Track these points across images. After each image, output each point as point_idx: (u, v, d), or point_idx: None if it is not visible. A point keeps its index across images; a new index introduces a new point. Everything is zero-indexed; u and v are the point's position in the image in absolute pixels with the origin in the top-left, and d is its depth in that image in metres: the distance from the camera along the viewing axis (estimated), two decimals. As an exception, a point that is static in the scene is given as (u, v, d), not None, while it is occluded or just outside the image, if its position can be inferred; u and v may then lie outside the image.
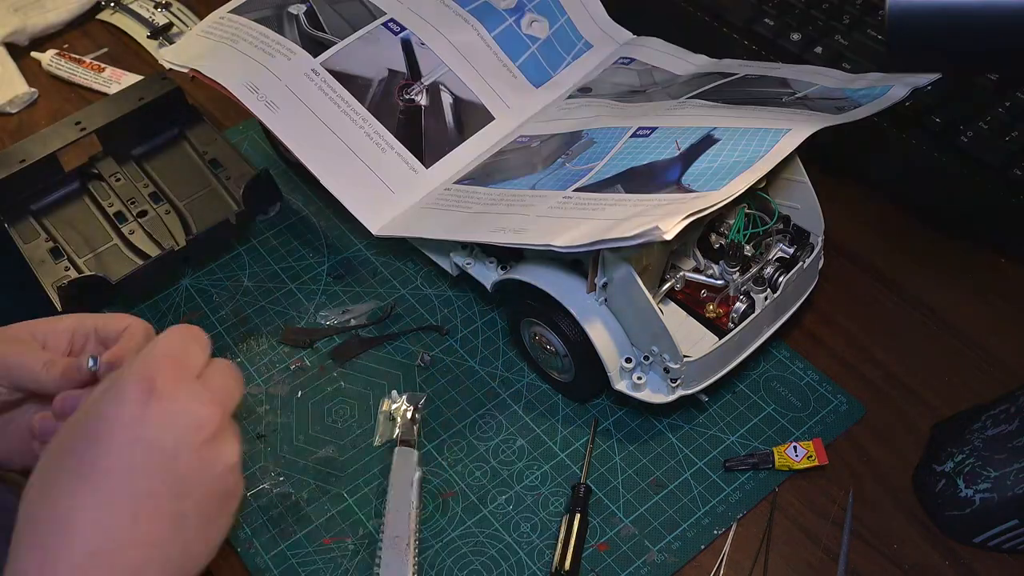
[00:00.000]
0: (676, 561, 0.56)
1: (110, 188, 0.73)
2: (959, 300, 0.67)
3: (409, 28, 0.73)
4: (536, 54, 0.76)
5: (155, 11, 0.93)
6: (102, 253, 0.70)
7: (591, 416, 0.63)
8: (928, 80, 0.61)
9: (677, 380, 0.58)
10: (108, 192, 0.73)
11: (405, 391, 0.64)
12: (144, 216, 0.71)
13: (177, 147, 0.77)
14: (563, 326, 0.59)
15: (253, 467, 0.61)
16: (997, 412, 0.56)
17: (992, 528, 0.55)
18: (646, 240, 0.50)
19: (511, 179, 0.65)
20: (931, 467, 0.58)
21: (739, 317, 0.60)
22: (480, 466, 0.61)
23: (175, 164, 0.76)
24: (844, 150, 0.72)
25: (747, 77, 0.69)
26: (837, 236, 0.70)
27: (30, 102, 0.88)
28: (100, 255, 0.70)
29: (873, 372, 0.64)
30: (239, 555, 0.58)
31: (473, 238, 0.61)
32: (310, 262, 0.73)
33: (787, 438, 0.61)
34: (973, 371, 0.64)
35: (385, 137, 0.69)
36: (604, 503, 0.59)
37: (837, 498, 0.59)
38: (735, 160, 0.56)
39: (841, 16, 0.76)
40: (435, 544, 0.58)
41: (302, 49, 0.70)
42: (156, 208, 0.72)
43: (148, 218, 0.71)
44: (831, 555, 0.56)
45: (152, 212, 0.72)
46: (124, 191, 0.73)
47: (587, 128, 0.67)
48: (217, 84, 0.68)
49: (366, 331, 0.68)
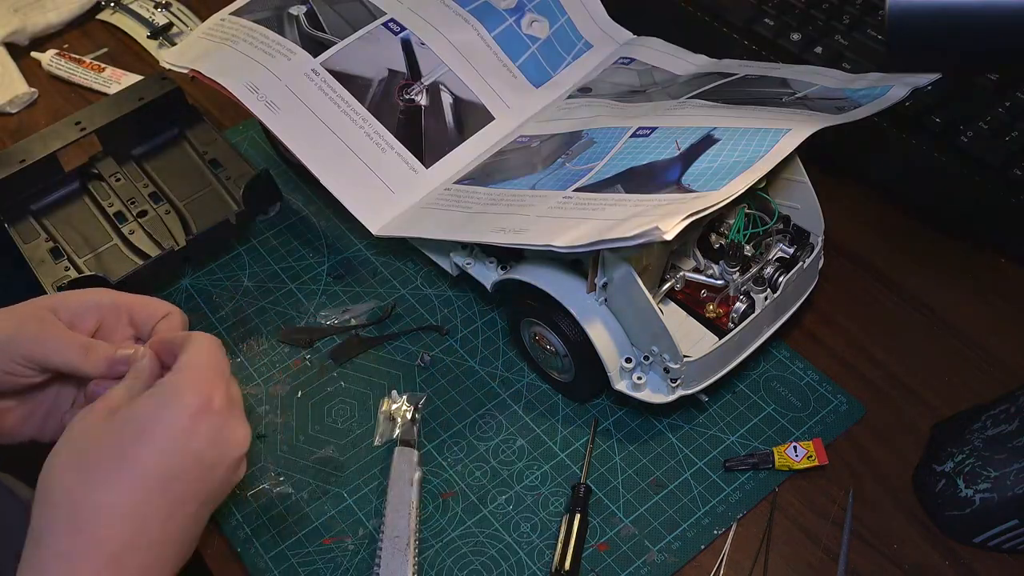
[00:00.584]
0: (676, 561, 0.56)
1: (110, 188, 0.73)
2: (959, 300, 0.67)
3: (409, 28, 0.73)
4: (536, 54, 0.76)
5: (155, 11, 0.93)
6: (102, 253, 0.70)
7: (591, 416, 0.63)
8: (928, 80, 0.61)
9: (677, 380, 0.58)
10: (108, 192, 0.73)
11: (405, 391, 0.64)
12: (144, 216, 0.71)
13: (177, 147, 0.77)
14: (563, 326, 0.59)
15: (253, 467, 0.61)
16: (997, 412, 0.56)
17: (992, 528, 0.55)
18: (646, 240, 0.50)
19: (511, 179, 0.65)
20: (931, 467, 0.58)
21: (739, 317, 0.60)
22: (480, 466, 0.61)
23: (175, 164, 0.76)
24: (844, 150, 0.72)
25: (747, 77, 0.69)
26: (837, 236, 0.70)
27: (30, 102, 0.88)
28: (100, 255, 0.70)
29: (873, 372, 0.64)
30: (239, 555, 0.58)
31: (473, 238, 0.61)
32: (310, 262, 0.73)
33: (787, 438, 0.61)
34: (973, 371, 0.64)
35: (385, 137, 0.69)
36: (604, 503, 0.59)
37: (837, 498, 0.59)
38: (735, 160, 0.56)
39: (841, 16, 0.76)
40: (435, 544, 0.58)
41: (302, 49, 0.70)
42: (156, 208, 0.72)
43: (148, 218, 0.71)
44: (831, 555, 0.56)
45: (152, 212, 0.72)
46: (124, 191, 0.73)
47: (587, 128, 0.67)
48: (217, 84, 0.68)
49: (366, 331, 0.68)
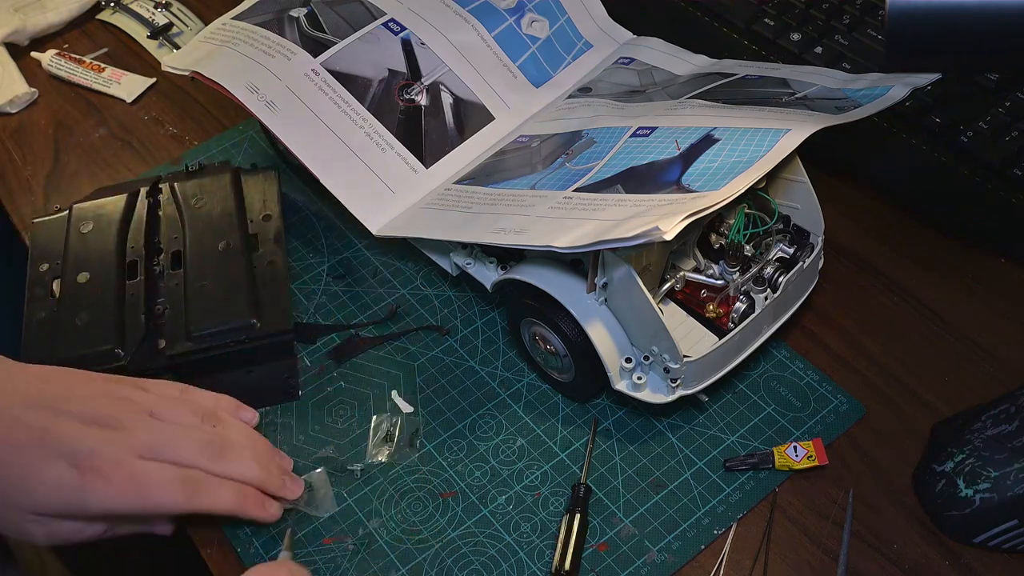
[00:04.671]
0: (676, 561, 0.56)
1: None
2: (959, 300, 0.67)
3: (409, 28, 0.73)
4: (536, 54, 0.76)
5: (155, 11, 0.93)
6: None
7: (591, 416, 0.63)
8: (928, 80, 0.61)
9: (677, 380, 0.58)
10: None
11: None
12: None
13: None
14: (563, 326, 0.59)
15: (253, 467, 0.61)
16: (997, 412, 0.56)
17: (992, 528, 0.55)
18: (646, 240, 0.50)
19: (511, 179, 0.65)
20: (931, 467, 0.58)
21: (739, 317, 0.60)
22: (480, 466, 0.61)
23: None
24: (844, 150, 0.72)
25: (747, 77, 0.69)
26: (837, 236, 0.70)
27: (30, 102, 0.87)
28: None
29: (873, 372, 0.64)
30: (239, 555, 0.58)
31: (473, 238, 0.61)
32: (310, 262, 0.73)
33: (787, 438, 0.61)
34: (973, 371, 0.64)
35: (385, 137, 0.69)
36: (604, 503, 0.59)
37: (837, 498, 0.59)
38: (735, 160, 0.56)
39: (841, 16, 0.76)
40: (435, 544, 0.58)
41: (302, 49, 0.70)
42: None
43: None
44: (831, 555, 0.56)
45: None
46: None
47: (587, 128, 0.67)
48: (217, 85, 0.68)
49: (366, 331, 0.68)
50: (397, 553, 0.58)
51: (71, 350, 0.60)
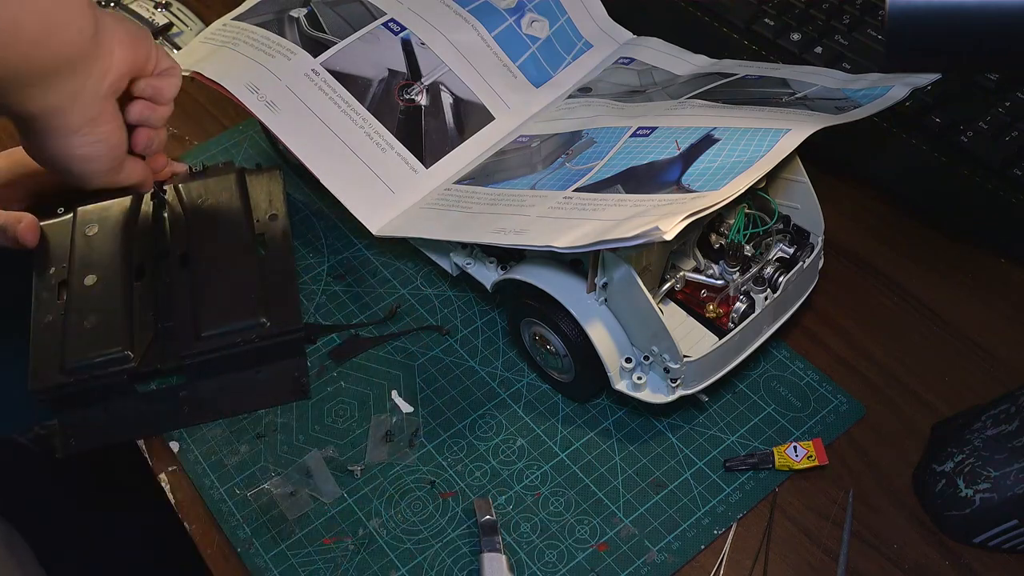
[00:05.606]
0: (676, 561, 0.57)
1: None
2: (959, 300, 0.67)
3: (409, 28, 0.73)
4: (536, 54, 0.76)
5: (155, 11, 0.93)
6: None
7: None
8: (928, 80, 0.61)
9: (677, 380, 0.58)
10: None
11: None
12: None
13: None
14: (563, 326, 0.59)
15: (253, 467, 0.61)
16: (997, 412, 0.56)
17: (992, 528, 0.55)
18: (646, 240, 0.50)
19: (511, 179, 0.65)
20: (931, 467, 0.58)
21: (739, 317, 0.60)
22: (480, 466, 0.61)
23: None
24: (844, 150, 0.72)
25: (747, 77, 0.69)
26: (837, 236, 0.70)
27: (30, 102, 0.87)
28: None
29: (873, 372, 0.64)
30: (239, 555, 0.58)
31: (473, 239, 0.61)
32: (310, 262, 0.73)
33: (787, 438, 0.61)
34: (973, 371, 0.64)
35: (385, 137, 0.69)
36: (604, 503, 0.59)
37: (837, 498, 0.59)
38: (735, 160, 0.56)
39: (841, 16, 0.76)
40: (435, 544, 0.58)
41: (302, 49, 0.70)
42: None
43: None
44: (831, 555, 0.56)
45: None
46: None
47: (587, 128, 0.67)
48: (217, 85, 0.68)
49: (366, 331, 0.68)
50: (397, 553, 0.58)
51: (80, 353, 0.60)
